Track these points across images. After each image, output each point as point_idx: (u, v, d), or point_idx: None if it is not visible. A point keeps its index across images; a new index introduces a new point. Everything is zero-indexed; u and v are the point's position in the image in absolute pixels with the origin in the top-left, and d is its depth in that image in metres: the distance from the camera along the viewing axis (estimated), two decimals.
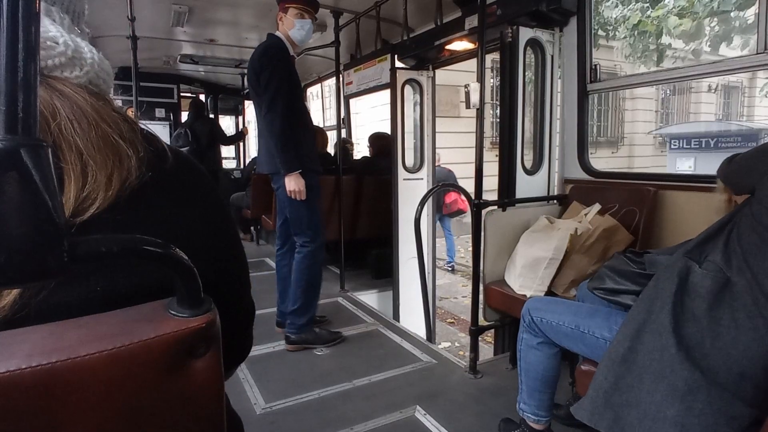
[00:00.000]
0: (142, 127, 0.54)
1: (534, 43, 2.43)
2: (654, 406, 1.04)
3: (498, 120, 3.22)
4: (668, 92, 13.63)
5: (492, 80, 8.35)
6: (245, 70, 5.61)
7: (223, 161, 6.85)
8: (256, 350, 2.51)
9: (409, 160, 3.63)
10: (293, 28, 2.53)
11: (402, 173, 3.48)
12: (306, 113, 2.70)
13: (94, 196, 0.44)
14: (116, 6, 3.09)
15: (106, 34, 3.87)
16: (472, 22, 2.67)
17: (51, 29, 0.49)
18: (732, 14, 7.85)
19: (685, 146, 9.86)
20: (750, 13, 7.68)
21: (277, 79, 2.42)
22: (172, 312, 0.42)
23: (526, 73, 2.44)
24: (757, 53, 1.78)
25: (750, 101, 14.84)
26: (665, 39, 8.84)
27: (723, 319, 1.03)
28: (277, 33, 2.57)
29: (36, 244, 0.31)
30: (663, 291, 1.13)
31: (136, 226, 0.48)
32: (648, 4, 8.41)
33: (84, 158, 0.45)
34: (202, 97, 6.56)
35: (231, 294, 0.62)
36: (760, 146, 1.21)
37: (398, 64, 3.48)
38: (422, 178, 3.64)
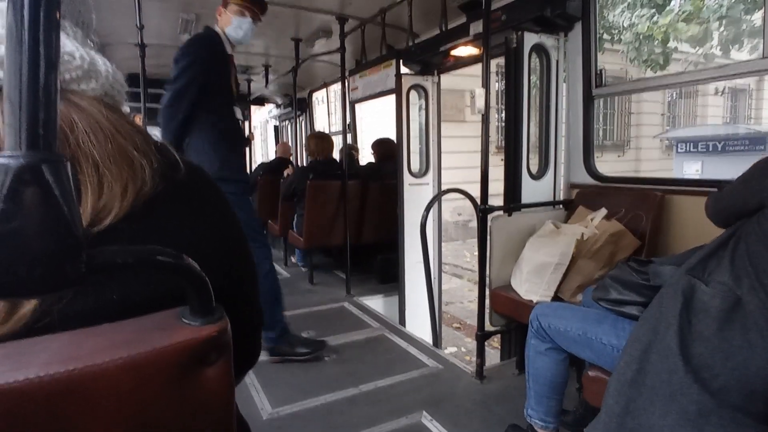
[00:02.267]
0: (155, 139, 0.55)
1: (539, 49, 2.43)
2: (668, 429, 1.03)
3: (503, 124, 3.21)
4: (675, 95, 13.56)
5: (497, 84, 8.36)
6: (251, 77, 5.66)
7: None
8: (262, 356, 2.51)
9: (415, 165, 3.64)
10: (230, 25, 2.32)
11: (408, 178, 3.49)
12: (232, 117, 2.47)
13: (111, 206, 0.46)
14: (125, 15, 3.13)
15: (115, 41, 3.93)
16: (476, 27, 2.68)
17: (67, 43, 0.50)
18: (740, 18, 7.81)
19: (692, 150, 9.78)
20: (757, 17, 7.64)
21: (191, 74, 2.18)
22: (185, 320, 0.43)
23: (531, 78, 2.44)
24: (763, 57, 1.77)
25: (758, 104, 14.72)
26: (672, 44, 8.81)
27: (735, 339, 1.01)
28: (216, 27, 2.34)
29: (56, 256, 0.32)
30: (667, 310, 1.12)
31: (150, 235, 0.49)
32: (654, 10, 8.37)
33: (100, 170, 0.46)
34: None
35: (240, 301, 0.63)
36: (756, 166, 1.19)
37: (403, 69, 3.50)
38: (428, 183, 3.65)
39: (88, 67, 0.51)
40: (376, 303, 3.77)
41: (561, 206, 2.50)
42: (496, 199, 2.27)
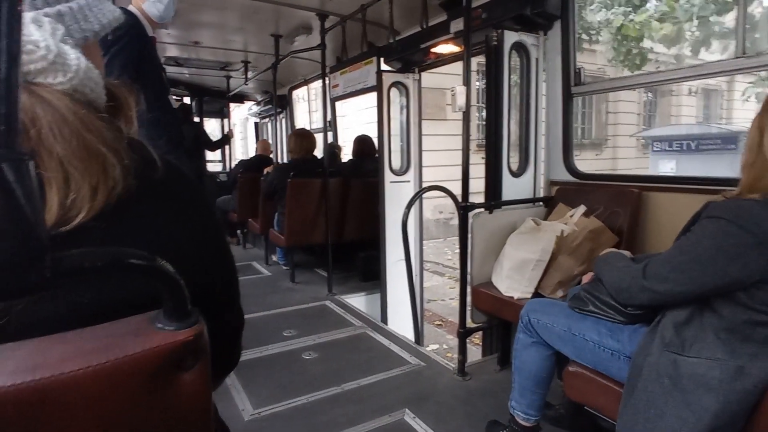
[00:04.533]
0: (133, 137, 0.53)
1: (519, 47, 2.45)
2: None
3: (484, 122, 3.24)
4: (650, 95, 13.87)
5: (478, 83, 8.42)
6: (230, 73, 5.57)
7: (209, 164, 6.79)
8: (243, 355, 2.48)
9: (396, 163, 3.64)
10: (146, 0, 2.08)
11: (389, 176, 3.49)
12: (170, 112, 2.31)
13: (80, 204, 0.44)
14: None
15: None
16: (457, 25, 2.68)
17: (34, 33, 0.48)
18: (711, 19, 8.02)
19: (667, 148, 10.05)
20: (729, 18, 7.87)
21: (122, 60, 1.92)
22: (159, 325, 0.41)
23: (512, 76, 2.46)
24: (737, 57, 1.82)
25: (729, 104, 15.16)
26: (647, 43, 9.01)
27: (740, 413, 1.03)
28: (130, 7, 2.09)
29: (18, 260, 0.30)
30: (653, 395, 1.13)
31: (124, 235, 0.47)
32: (630, 9, 8.55)
33: (65, 166, 0.44)
34: (186, 100, 6.49)
35: (220, 305, 0.62)
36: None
37: (384, 66, 3.49)
38: (409, 180, 3.65)
39: (54, 59, 0.48)
40: (357, 301, 3.76)
41: (541, 203, 2.52)
42: (477, 196, 2.28)
